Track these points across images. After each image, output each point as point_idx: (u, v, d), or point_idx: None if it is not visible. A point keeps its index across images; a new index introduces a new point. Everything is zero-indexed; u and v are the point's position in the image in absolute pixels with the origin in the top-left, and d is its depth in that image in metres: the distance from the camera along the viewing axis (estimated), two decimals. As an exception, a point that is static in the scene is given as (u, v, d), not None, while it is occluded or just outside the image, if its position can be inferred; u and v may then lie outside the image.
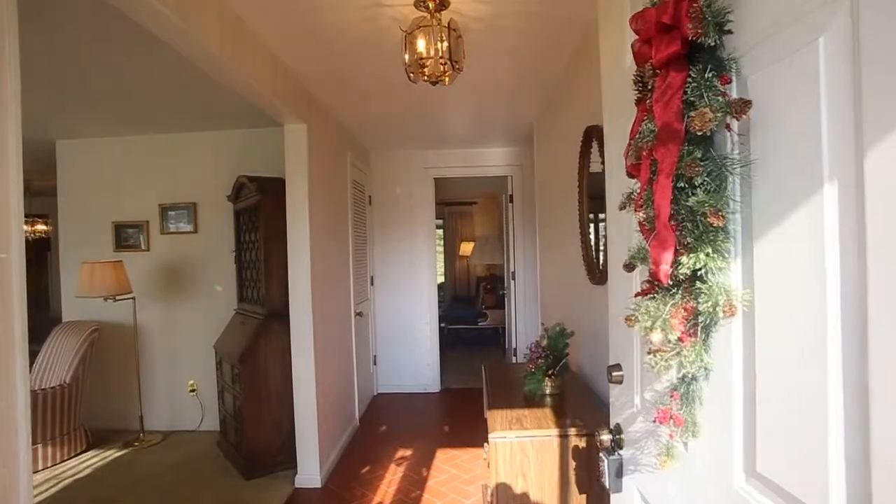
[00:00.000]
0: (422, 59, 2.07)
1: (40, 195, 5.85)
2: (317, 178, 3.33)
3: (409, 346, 5.38)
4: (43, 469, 3.55)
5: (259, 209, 3.35)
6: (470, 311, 7.78)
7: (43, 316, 5.93)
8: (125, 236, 4.24)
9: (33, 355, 5.39)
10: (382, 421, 4.50)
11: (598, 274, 2.40)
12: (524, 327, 5.38)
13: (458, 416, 4.54)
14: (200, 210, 4.20)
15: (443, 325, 6.33)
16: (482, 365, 2.88)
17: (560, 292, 3.32)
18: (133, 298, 3.93)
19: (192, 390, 4.20)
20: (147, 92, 3.24)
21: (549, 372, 2.30)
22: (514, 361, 5.44)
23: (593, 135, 2.37)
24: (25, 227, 6.65)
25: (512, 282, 5.50)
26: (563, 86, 3.07)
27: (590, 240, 2.54)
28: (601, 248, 2.44)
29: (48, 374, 3.85)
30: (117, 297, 3.72)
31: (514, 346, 5.49)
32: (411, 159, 5.33)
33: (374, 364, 5.28)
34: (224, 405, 3.70)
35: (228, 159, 4.14)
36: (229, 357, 3.41)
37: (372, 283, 5.24)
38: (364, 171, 4.91)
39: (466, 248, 9.19)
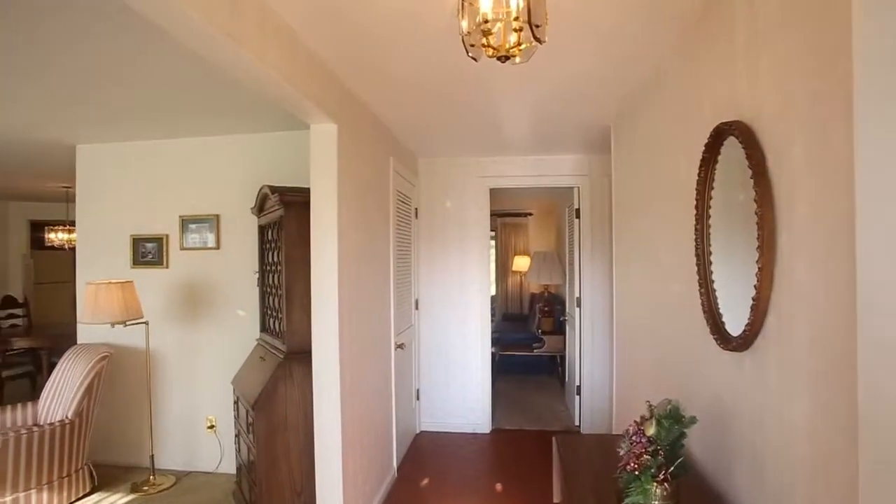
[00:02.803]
0: (486, 23, 1.44)
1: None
2: (350, 189, 2.75)
3: (457, 380, 4.73)
4: (39, 515, 3.13)
5: (281, 225, 2.80)
6: (524, 333, 7.05)
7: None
8: (143, 251, 3.81)
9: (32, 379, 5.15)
10: (424, 470, 3.86)
11: (730, 335, 1.67)
12: (592, 366, 4.62)
13: (512, 471, 3.84)
14: (223, 223, 3.72)
15: (494, 349, 5.65)
16: (552, 437, 2.19)
17: (657, 347, 2.58)
18: (146, 323, 3.48)
19: (211, 426, 3.71)
20: (166, 89, 2.76)
21: (661, 475, 1.60)
22: (577, 405, 4.69)
23: (727, 136, 1.65)
24: (63, 235, 6.55)
25: (577, 309, 4.76)
26: (669, 73, 2.36)
27: (713, 286, 1.81)
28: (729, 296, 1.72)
29: (55, 404, 3.45)
30: (127, 323, 3.27)
31: (577, 383, 4.74)
32: (465, 167, 4.70)
33: (417, 399, 4.66)
34: (240, 452, 3.17)
35: (256, 166, 3.65)
36: (245, 399, 2.87)
37: (416, 307, 4.63)
38: (410, 180, 4.32)
39: (520, 263, 8.49)
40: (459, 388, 4.72)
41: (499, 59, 1.53)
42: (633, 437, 1.69)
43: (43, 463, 3.13)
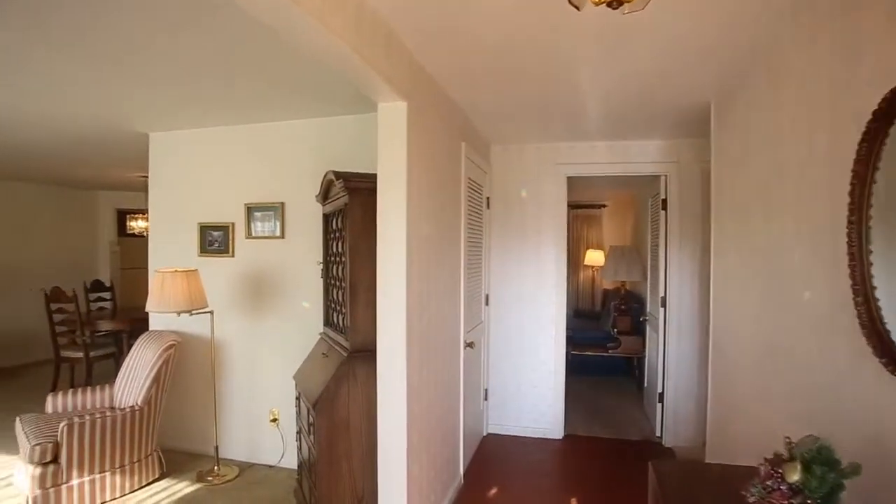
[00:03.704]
0: (596, -44, 1.15)
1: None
2: (419, 174, 2.52)
3: (527, 381, 4.44)
4: (111, 500, 3.15)
5: (346, 213, 2.61)
6: (597, 332, 6.63)
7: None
8: (210, 239, 3.79)
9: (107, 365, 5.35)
10: (492, 477, 3.61)
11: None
12: (677, 372, 4.18)
13: (589, 484, 3.51)
14: (289, 211, 3.61)
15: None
16: (649, 462, 1.86)
17: (773, 362, 2.17)
18: (211, 313, 3.43)
19: (274, 419, 3.63)
20: (233, 74, 2.65)
21: (809, 535, 1.25)
22: (659, 414, 4.27)
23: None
24: (141, 223, 6.79)
25: (661, 309, 4.32)
26: (804, 32, 1.93)
27: (874, 293, 1.42)
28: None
29: (128, 389, 3.48)
30: (192, 312, 3.22)
31: (660, 389, 4.31)
32: (541, 154, 4.36)
33: (485, 399, 4.41)
34: (301, 450, 3.05)
35: (322, 152, 3.50)
36: (307, 396, 2.72)
37: (486, 303, 4.37)
38: (483, 167, 4.04)
39: (593, 257, 8.03)
40: (530, 390, 4.43)
41: (608, 4, 1.22)
42: (768, 483, 1.35)
43: (116, 447, 3.16)
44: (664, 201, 4.30)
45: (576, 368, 6.23)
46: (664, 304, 4.29)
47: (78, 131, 3.94)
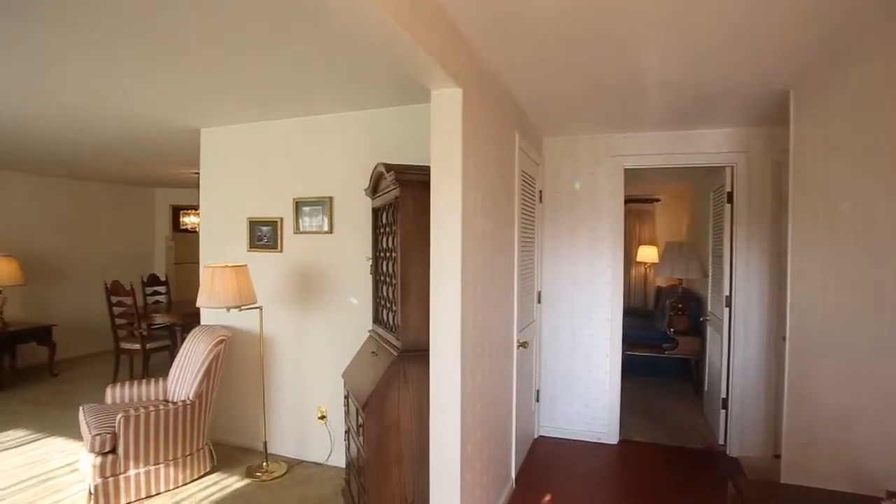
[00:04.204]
0: None
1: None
2: (474, 166, 2.39)
3: (581, 382, 4.25)
4: (165, 491, 3.19)
5: (397, 207, 2.51)
6: (652, 331, 6.33)
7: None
8: (259, 235, 3.78)
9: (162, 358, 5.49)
10: (545, 483, 3.46)
11: None
12: (744, 377, 3.89)
13: (649, 495, 3.31)
14: (337, 206, 3.55)
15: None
16: (729, 482, 1.67)
17: (873, 378, 1.94)
18: (259, 308, 3.42)
19: (322, 417, 3.60)
20: (283, 66, 2.59)
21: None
22: (722, 421, 4.00)
23: None
24: (194, 219, 6.95)
25: (726, 309, 4.04)
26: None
27: None
28: None
29: (180, 382, 3.52)
30: (242, 308, 3.21)
31: (723, 395, 4.04)
32: (596, 145, 4.15)
33: (537, 401, 4.25)
34: (349, 450, 2.99)
35: (371, 145, 3.42)
36: (356, 396, 2.65)
37: (539, 301, 4.21)
38: (535, 159, 3.87)
39: (645, 253, 7.71)
40: (583, 392, 4.24)
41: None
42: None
43: (169, 440, 3.19)
44: (730, 194, 4.01)
45: (627, 369, 5.96)
46: (729, 304, 4.01)
47: (134, 130, 4.01)
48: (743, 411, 3.90)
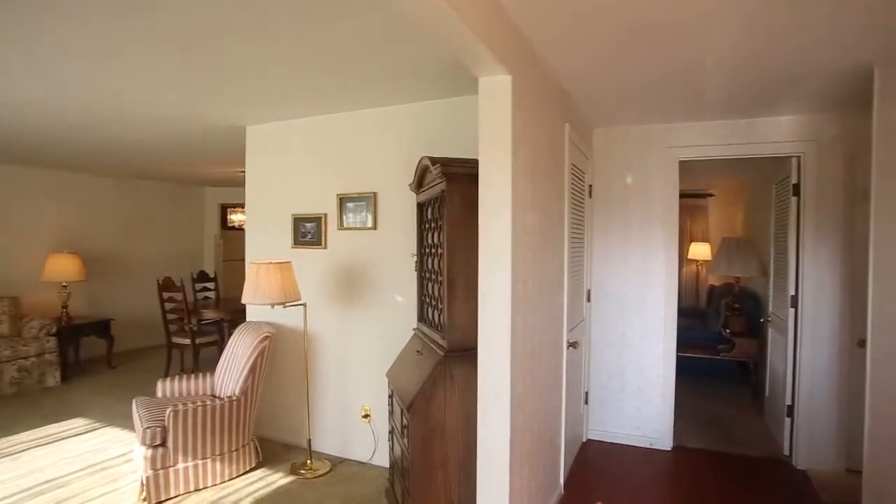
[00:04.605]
0: None
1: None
2: (524, 158, 2.27)
3: (632, 384, 4.06)
4: (212, 486, 3.22)
5: (443, 202, 2.42)
6: (704, 332, 6.03)
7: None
8: (303, 231, 3.78)
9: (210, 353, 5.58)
10: (595, 490, 3.30)
11: None
12: (812, 383, 3.61)
13: (708, 506, 3.12)
14: (381, 202, 3.50)
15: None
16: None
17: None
18: (303, 305, 3.40)
19: (366, 415, 3.56)
20: (325, 56, 2.54)
21: None
22: (788, 429, 3.73)
23: None
24: (240, 217, 7.08)
25: (791, 310, 3.77)
26: None
27: None
28: None
29: (227, 378, 3.55)
30: (286, 305, 3.20)
31: (788, 402, 3.77)
32: (649, 136, 3.95)
33: (586, 403, 4.09)
34: (393, 450, 2.93)
35: (415, 139, 3.35)
36: (400, 396, 2.58)
37: (588, 299, 4.04)
38: (585, 152, 3.71)
39: (697, 250, 7.38)
40: (635, 394, 4.05)
41: None
42: None
43: (216, 435, 3.22)
44: (796, 186, 3.74)
45: (679, 371, 5.69)
46: (794, 305, 3.74)
47: (183, 129, 4.09)
48: (811, 420, 3.62)
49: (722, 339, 5.62)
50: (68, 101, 3.30)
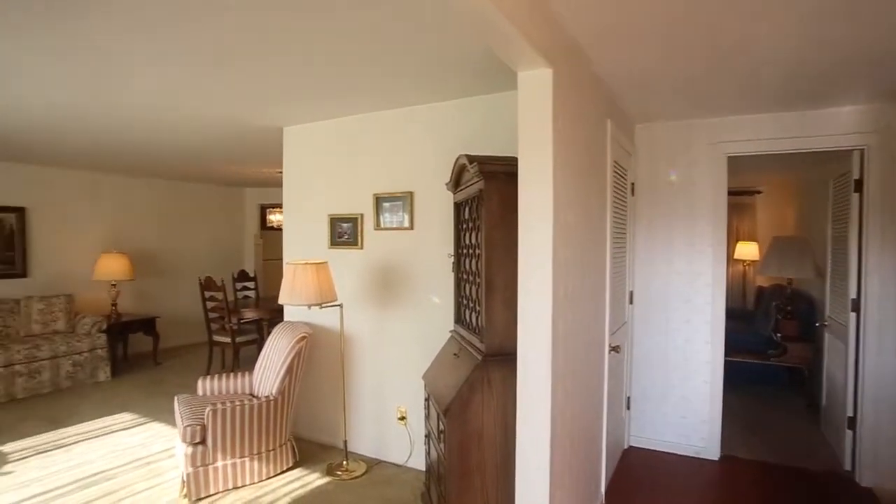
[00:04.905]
0: None
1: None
2: (566, 156, 2.18)
3: (677, 390, 3.90)
4: (250, 484, 3.25)
5: (481, 201, 2.36)
6: (752, 335, 5.76)
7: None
8: (340, 231, 3.77)
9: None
10: (637, 501, 3.18)
11: None
12: (876, 394, 3.36)
13: (762, 522, 2.94)
14: (417, 201, 3.46)
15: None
16: None
17: None
18: (340, 306, 3.39)
19: (402, 418, 3.53)
20: (360, 52, 2.51)
21: None
22: (849, 442, 3.50)
23: None
24: (278, 217, 7.19)
25: (851, 314, 3.53)
26: None
27: None
28: None
29: (264, 377, 3.58)
30: (322, 305, 3.20)
31: (850, 413, 3.54)
32: (694, 131, 3.78)
33: (627, 408, 3.95)
34: (429, 454, 2.88)
35: (452, 137, 3.29)
36: (437, 400, 2.53)
37: (631, 301, 3.90)
38: (627, 149, 3.58)
39: (744, 249, 7.06)
40: (679, 401, 3.88)
41: None
42: None
43: (254, 434, 3.24)
44: (858, 182, 3.50)
45: (725, 376, 5.44)
46: (856, 308, 3.50)
47: (224, 132, 4.16)
48: (877, 434, 3.37)
49: (772, 343, 5.35)
50: (123, 110, 3.42)
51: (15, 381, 4.99)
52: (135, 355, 6.52)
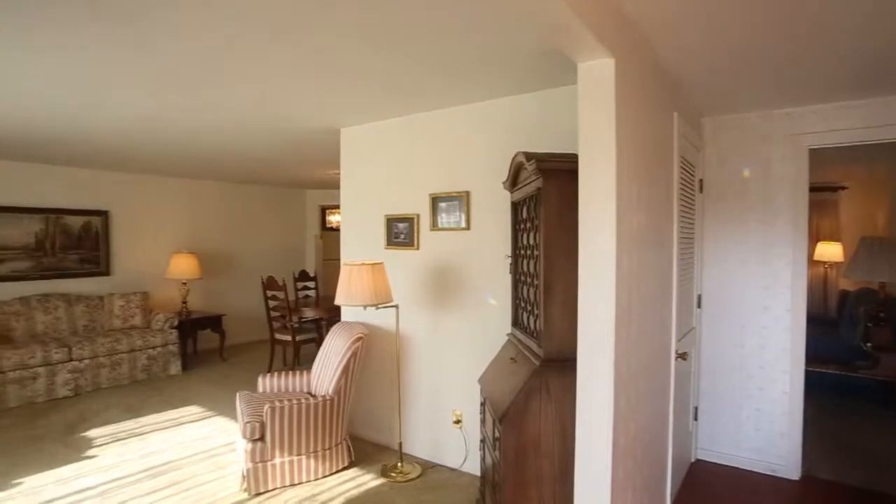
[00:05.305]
0: None
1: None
2: (629, 151, 2.05)
3: (751, 401, 3.62)
4: (306, 482, 3.29)
5: (539, 200, 2.26)
6: (836, 344, 5.30)
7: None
8: (396, 232, 3.77)
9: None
10: (707, 519, 2.97)
11: None
12: None
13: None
14: (474, 201, 3.39)
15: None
16: None
17: None
18: (395, 307, 3.38)
19: (457, 421, 3.47)
20: (417, 49, 2.48)
21: None
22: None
23: None
24: (336, 218, 7.32)
25: (958, 323, 3.15)
26: None
27: None
28: None
29: (322, 376, 3.63)
30: (378, 306, 3.19)
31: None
32: (770, 122, 3.50)
33: (695, 419, 3.72)
34: (484, 460, 2.80)
35: (508, 135, 3.21)
36: (492, 406, 2.46)
37: (699, 305, 3.67)
38: (695, 144, 3.37)
39: (825, 250, 6.52)
40: (753, 413, 3.61)
41: None
42: None
43: (310, 432, 3.28)
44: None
45: (806, 387, 5.04)
46: (964, 317, 3.12)
47: (283, 135, 4.26)
48: None
49: (861, 353, 4.90)
50: (180, 112, 3.54)
51: (100, 372, 5.35)
52: (203, 351, 6.83)
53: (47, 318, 5.53)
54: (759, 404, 3.59)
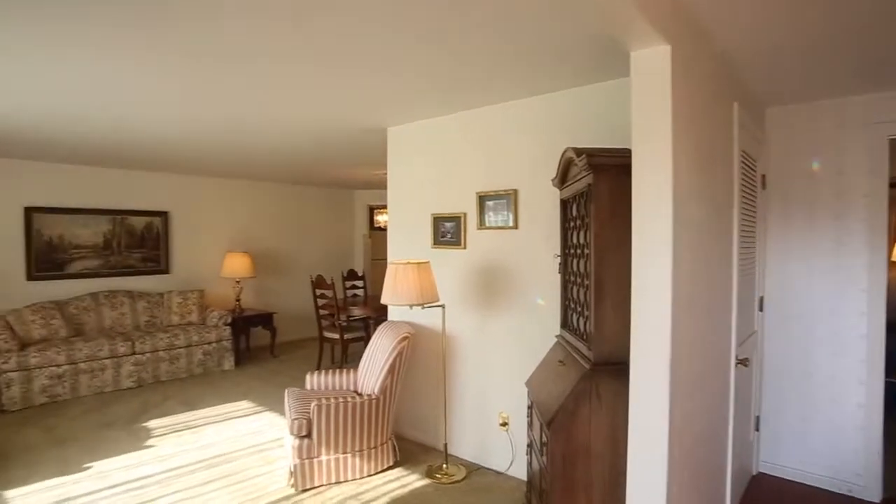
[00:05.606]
0: None
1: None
2: (686, 144, 1.93)
3: (821, 413, 3.37)
4: (352, 480, 3.31)
5: (590, 197, 2.17)
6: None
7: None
8: (443, 231, 3.74)
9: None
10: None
11: None
12: None
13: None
14: (522, 199, 3.31)
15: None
16: None
17: None
18: (442, 306, 3.35)
19: (504, 424, 3.40)
20: (460, 51, 2.44)
21: None
22: None
23: None
24: (384, 217, 7.37)
25: None
26: None
27: None
28: None
29: (368, 375, 3.64)
30: (424, 306, 3.17)
31: None
32: (842, 111, 3.24)
33: (756, 429, 3.50)
34: (531, 465, 2.72)
35: (557, 132, 3.11)
36: (540, 410, 2.38)
37: (761, 308, 3.45)
38: (757, 136, 3.16)
39: (906, 252, 6.01)
40: (825, 425, 3.35)
41: None
42: None
43: (356, 431, 3.30)
44: None
45: (886, 400, 4.65)
46: None
47: (330, 135, 4.32)
48: None
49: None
50: (229, 112, 3.64)
51: (160, 366, 5.61)
52: (255, 348, 7.04)
53: (113, 313, 5.84)
54: (831, 417, 3.33)
